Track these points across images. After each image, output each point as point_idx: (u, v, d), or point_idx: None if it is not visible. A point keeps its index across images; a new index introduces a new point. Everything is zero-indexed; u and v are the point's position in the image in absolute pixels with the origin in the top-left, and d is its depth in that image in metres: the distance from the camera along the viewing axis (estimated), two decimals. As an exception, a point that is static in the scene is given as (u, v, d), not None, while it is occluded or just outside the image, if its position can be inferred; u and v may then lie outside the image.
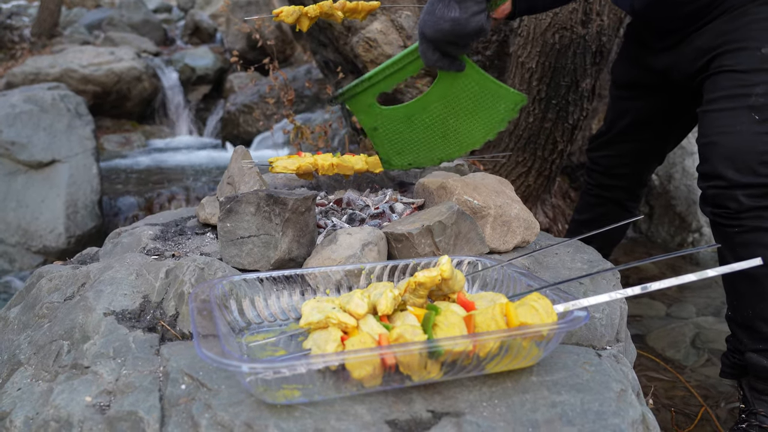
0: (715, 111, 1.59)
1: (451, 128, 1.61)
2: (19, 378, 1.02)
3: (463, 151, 1.67)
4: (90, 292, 1.14)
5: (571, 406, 0.86)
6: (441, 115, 1.59)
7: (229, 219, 1.29)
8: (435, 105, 1.58)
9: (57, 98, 4.46)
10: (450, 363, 0.84)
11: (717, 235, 1.64)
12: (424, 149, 1.66)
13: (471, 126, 1.61)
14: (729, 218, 1.56)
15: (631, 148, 2.07)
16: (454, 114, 1.59)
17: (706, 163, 1.60)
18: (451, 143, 1.64)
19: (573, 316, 0.89)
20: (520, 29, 2.84)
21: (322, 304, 0.95)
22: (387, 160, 1.69)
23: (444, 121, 1.60)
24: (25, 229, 3.98)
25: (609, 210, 2.20)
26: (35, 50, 8.18)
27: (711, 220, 1.64)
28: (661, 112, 1.96)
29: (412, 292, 0.96)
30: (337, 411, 0.82)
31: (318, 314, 0.91)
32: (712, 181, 1.58)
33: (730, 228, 1.57)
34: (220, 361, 0.75)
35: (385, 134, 1.63)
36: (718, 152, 1.56)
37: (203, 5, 11.26)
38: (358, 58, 3.14)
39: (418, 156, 1.68)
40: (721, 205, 1.57)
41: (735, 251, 1.57)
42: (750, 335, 1.63)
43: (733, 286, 1.66)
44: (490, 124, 1.61)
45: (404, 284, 0.97)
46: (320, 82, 6.08)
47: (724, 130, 1.56)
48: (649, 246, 3.48)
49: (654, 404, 1.87)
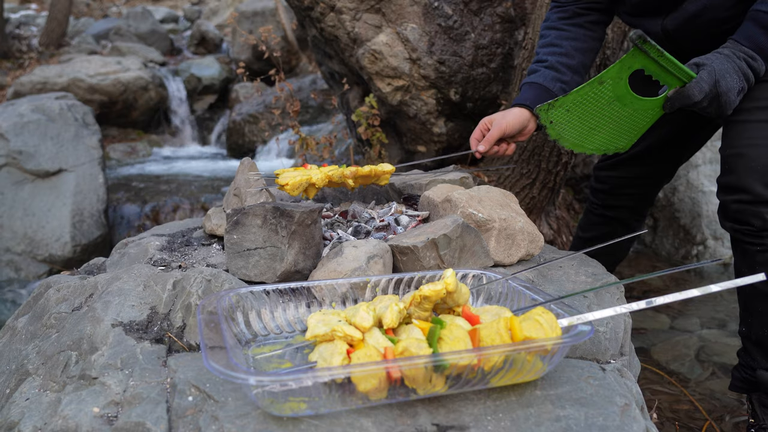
0: (745, 121, 1.52)
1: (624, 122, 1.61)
2: (27, 388, 1.03)
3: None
4: (98, 303, 1.15)
5: (575, 421, 0.86)
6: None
7: (235, 231, 1.30)
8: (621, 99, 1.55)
9: (64, 108, 4.49)
10: (455, 377, 0.85)
11: (737, 251, 1.58)
12: (606, 134, 1.65)
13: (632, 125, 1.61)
14: (751, 235, 1.51)
15: (642, 171, 2.03)
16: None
17: (731, 175, 1.53)
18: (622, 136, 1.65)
19: (577, 331, 0.90)
20: (525, 42, 2.86)
21: (327, 317, 0.96)
22: (579, 144, 1.68)
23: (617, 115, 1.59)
24: (32, 238, 4.00)
25: (613, 230, 2.17)
26: (43, 60, 8.25)
27: (732, 236, 1.58)
28: (677, 135, 1.92)
29: (417, 306, 0.96)
30: (343, 424, 0.82)
31: (324, 327, 0.92)
32: (736, 195, 1.51)
33: (751, 246, 1.52)
34: (227, 374, 0.76)
35: (567, 121, 1.61)
36: (745, 164, 1.49)
37: (210, 15, 11.34)
38: (364, 70, 3.17)
39: (604, 140, 1.67)
40: (744, 221, 1.51)
41: (755, 270, 1.52)
42: (764, 354, 1.61)
43: (750, 303, 1.62)
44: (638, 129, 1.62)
45: (409, 297, 0.97)
46: (325, 93, 6.11)
47: (754, 142, 1.49)
48: (654, 258, 3.48)
49: (658, 418, 1.87)
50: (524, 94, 1.73)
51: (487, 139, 1.68)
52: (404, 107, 3.21)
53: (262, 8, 8.16)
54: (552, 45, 1.78)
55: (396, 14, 3.06)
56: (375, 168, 1.66)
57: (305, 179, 1.54)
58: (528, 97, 1.71)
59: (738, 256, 1.59)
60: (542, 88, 1.71)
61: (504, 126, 1.67)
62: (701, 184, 3.39)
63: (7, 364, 1.17)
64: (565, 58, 1.74)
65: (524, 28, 3.20)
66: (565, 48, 1.75)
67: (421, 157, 3.39)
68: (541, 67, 1.75)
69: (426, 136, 3.31)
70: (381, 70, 3.11)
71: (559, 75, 1.72)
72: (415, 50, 3.05)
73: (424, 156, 3.38)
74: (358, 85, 3.54)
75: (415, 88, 3.14)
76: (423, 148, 3.37)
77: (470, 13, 3.12)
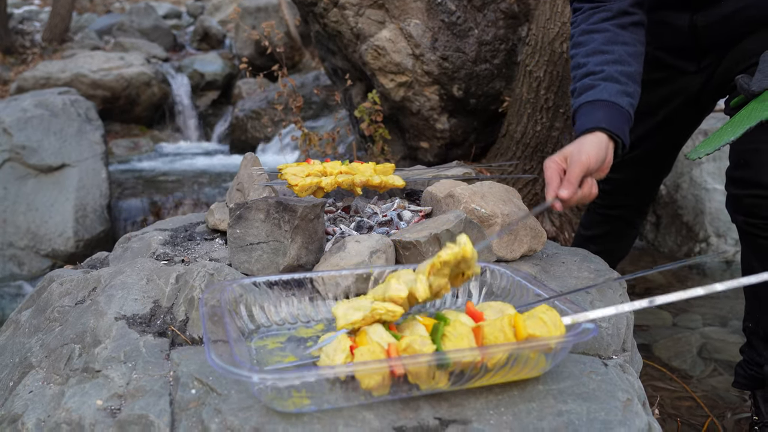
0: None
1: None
2: (30, 381, 1.04)
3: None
4: (101, 297, 1.15)
5: (577, 415, 0.86)
6: None
7: (238, 225, 1.30)
8: None
9: (67, 103, 4.50)
10: (458, 373, 0.85)
11: (747, 245, 1.57)
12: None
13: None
14: (765, 229, 1.49)
15: (644, 171, 2.00)
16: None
17: (746, 169, 1.49)
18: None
19: (581, 329, 0.89)
20: (529, 38, 2.85)
21: (357, 302, 0.94)
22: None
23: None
24: (35, 233, 4.01)
25: (615, 227, 2.16)
26: (46, 55, 8.26)
27: (742, 229, 1.56)
28: (678, 131, 1.90)
29: (436, 273, 0.94)
30: (345, 417, 0.83)
31: (357, 312, 0.91)
32: (751, 189, 1.48)
33: (764, 240, 1.50)
34: (230, 371, 0.76)
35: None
36: (762, 160, 1.45)
37: (212, 11, 11.33)
38: (367, 66, 3.16)
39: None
40: (758, 214, 1.48)
41: (766, 264, 1.50)
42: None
43: (758, 299, 1.61)
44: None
45: (427, 267, 0.93)
46: (328, 89, 6.11)
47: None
48: (656, 255, 3.47)
49: (660, 414, 1.87)
50: (594, 116, 1.40)
51: (569, 180, 1.30)
52: (407, 103, 3.20)
53: (265, 4, 8.15)
54: (601, 52, 1.48)
55: (399, 10, 3.06)
56: (386, 180, 1.65)
57: (315, 183, 1.54)
58: (601, 119, 1.38)
59: (747, 250, 1.57)
60: (611, 105, 1.40)
61: (586, 161, 1.31)
62: (704, 181, 3.38)
63: (10, 357, 1.18)
64: (620, 66, 1.45)
65: (527, 24, 3.19)
66: (618, 54, 1.47)
67: (424, 153, 3.39)
68: (598, 80, 1.44)
69: (429, 132, 3.30)
70: (384, 65, 3.11)
71: (622, 87, 1.43)
72: (418, 46, 3.05)
73: (427, 152, 3.37)
74: (361, 81, 3.54)
75: (418, 84, 3.14)
76: (426, 144, 3.37)
77: (473, 9, 3.11)
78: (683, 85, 1.73)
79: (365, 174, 1.63)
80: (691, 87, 1.71)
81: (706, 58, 1.65)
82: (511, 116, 2.93)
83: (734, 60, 1.60)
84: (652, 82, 1.73)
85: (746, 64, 1.55)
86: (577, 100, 1.46)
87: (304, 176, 1.55)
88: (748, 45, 1.55)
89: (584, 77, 1.47)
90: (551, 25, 2.61)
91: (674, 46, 1.68)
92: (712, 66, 1.65)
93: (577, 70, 1.51)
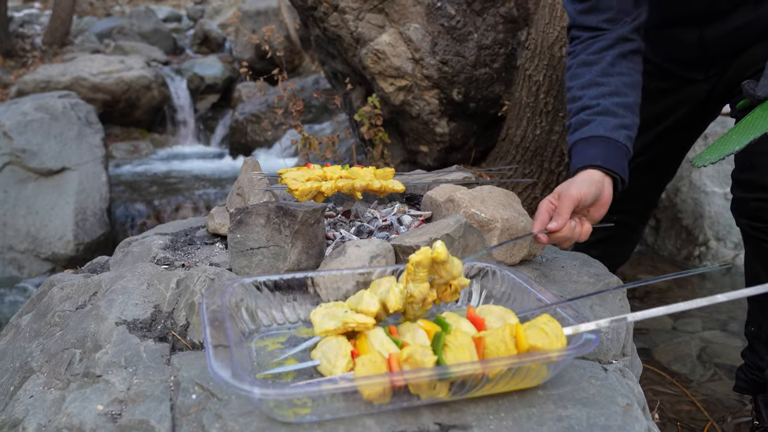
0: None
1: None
2: (31, 385, 1.04)
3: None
4: (102, 301, 1.16)
5: (577, 420, 0.86)
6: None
7: (239, 230, 1.31)
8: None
9: (68, 106, 4.51)
10: (459, 384, 0.85)
11: (750, 248, 1.57)
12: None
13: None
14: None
15: (649, 179, 1.99)
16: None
17: (753, 172, 1.49)
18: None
19: (583, 341, 0.89)
20: (528, 42, 2.86)
21: (332, 310, 0.96)
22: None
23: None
24: (35, 236, 4.01)
25: (617, 232, 2.15)
26: (46, 58, 8.27)
27: (746, 232, 1.56)
28: (678, 142, 1.90)
29: (413, 278, 0.95)
30: (346, 423, 0.83)
31: (332, 321, 0.92)
32: (757, 193, 1.49)
33: (767, 244, 1.51)
34: (233, 385, 0.76)
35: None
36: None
37: (213, 15, 11.35)
38: (367, 70, 3.17)
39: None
40: (762, 218, 1.49)
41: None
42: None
43: (761, 303, 1.61)
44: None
45: (404, 275, 0.96)
46: (328, 93, 6.11)
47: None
48: (655, 259, 3.48)
49: (660, 419, 1.87)
50: (588, 153, 1.39)
51: (559, 213, 1.31)
52: (407, 107, 3.21)
53: (265, 7, 8.17)
54: (597, 84, 1.46)
55: (399, 14, 3.06)
56: (386, 185, 1.65)
57: (315, 187, 1.54)
58: (596, 156, 1.37)
59: (751, 254, 1.57)
60: (607, 141, 1.39)
61: (576, 194, 1.30)
62: (704, 185, 3.39)
63: (11, 362, 1.18)
64: (617, 98, 1.43)
65: (527, 28, 3.20)
66: (615, 85, 1.45)
67: (423, 157, 3.40)
68: (593, 115, 1.42)
69: (428, 136, 3.31)
70: (384, 70, 3.11)
71: (619, 120, 1.41)
72: (418, 50, 3.06)
73: (427, 156, 3.38)
74: (360, 84, 3.55)
75: (417, 88, 3.14)
76: (425, 148, 3.37)
77: (473, 14, 3.12)
78: (690, 93, 1.73)
79: (365, 178, 1.63)
80: (698, 95, 1.72)
81: (713, 67, 1.65)
82: (511, 120, 2.93)
83: (741, 66, 1.60)
84: (658, 92, 1.72)
85: (753, 70, 1.56)
86: (572, 136, 1.45)
87: (304, 181, 1.55)
88: (756, 51, 1.56)
89: (579, 111, 1.46)
90: (551, 29, 2.61)
91: (683, 58, 1.69)
92: (718, 74, 1.66)
93: (573, 104, 1.49)
